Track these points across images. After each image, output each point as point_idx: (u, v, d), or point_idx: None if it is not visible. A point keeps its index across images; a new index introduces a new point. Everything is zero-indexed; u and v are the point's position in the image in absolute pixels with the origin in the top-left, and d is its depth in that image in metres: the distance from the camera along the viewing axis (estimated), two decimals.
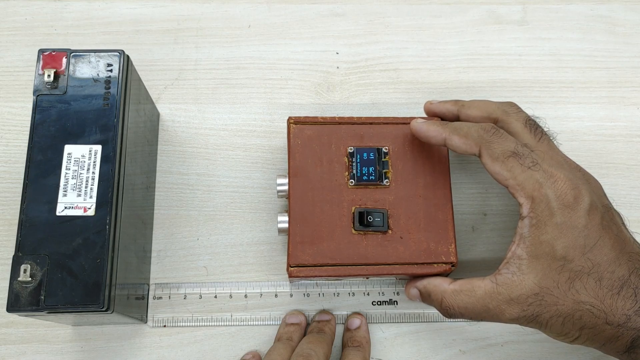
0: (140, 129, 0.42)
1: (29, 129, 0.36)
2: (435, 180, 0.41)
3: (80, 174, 0.35)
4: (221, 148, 0.47)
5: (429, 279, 0.39)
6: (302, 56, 0.51)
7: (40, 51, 0.38)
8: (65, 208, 0.35)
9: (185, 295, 0.43)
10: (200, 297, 0.43)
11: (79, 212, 0.35)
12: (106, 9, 0.51)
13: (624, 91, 0.50)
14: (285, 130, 0.47)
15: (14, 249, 0.34)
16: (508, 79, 0.50)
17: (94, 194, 0.35)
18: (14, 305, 0.33)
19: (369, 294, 0.44)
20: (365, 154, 0.41)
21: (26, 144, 0.36)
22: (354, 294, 0.44)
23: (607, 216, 0.36)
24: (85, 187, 0.35)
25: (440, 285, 0.38)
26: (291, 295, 0.43)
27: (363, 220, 0.40)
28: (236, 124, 0.48)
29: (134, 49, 0.50)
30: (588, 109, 0.50)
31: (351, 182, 0.41)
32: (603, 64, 0.51)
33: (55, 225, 0.34)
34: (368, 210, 0.40)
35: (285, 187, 0.41)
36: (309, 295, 0.43)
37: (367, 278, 0.43)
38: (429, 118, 0.43)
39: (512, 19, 0.52)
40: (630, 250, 0.35)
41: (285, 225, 0.40)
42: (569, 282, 0.34)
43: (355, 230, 0.40)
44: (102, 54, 0.38)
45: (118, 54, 0.38)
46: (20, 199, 0.35)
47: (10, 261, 0.33)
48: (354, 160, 0.41)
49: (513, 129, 0.39)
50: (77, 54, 0.38)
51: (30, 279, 0.33)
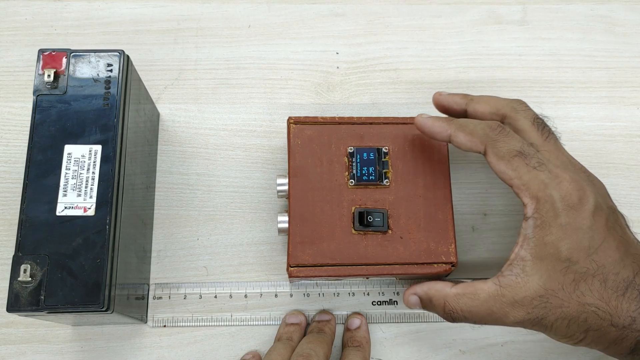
0: (140, 129, 0.42)
1: (29, 129, 0.36)
2: (435, 180, 0.41)
3: (80, 174, 0.35)
4: (221, 148, 0.47)
5: (430, 284, 0.38)
6: (302, 56, 0.51)
7: (40, 51, 0.38)
8: (65, 208, 0.35)
9: (185, 295, 0.43)
10: (200, 297, 0.43)
11: (79, 212, 0.35)
12: (106, 9, 0.51)
13: (624, 91, 0.50)
14: (285, 130, 0.47)
15: (14, 249, 0.34)
16: (508, 79, 0.50)
17: (94, 194, 0.35)
18: (14, 305, 0.33)
19: (369, 294, 0.44)
20: (365, 154, 0.41)
21: (26, 144, 0.36)
22: (354, 294, 0.44)
23: (612, 218, 0.35)
24: (85, 187, 0.35)
25: (442, 289, 0.37)
26: (291, 295, 0.43)
27: (363, 220, 0.40)
28: (236, 124, 0.48)
29: (134, 49, 0.49)
30: (588, 109, 0.50)
31: (351, 182, 0.41)
32: (603, 64, 0.51)
33: (55, 225, 0.34)
34: (368, 210, 0.40)
35: (285, 187, 0.41)
36: (309, 295, 0.43)
37: (367, 278, 0.43)
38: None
39: (512, 19, 0.52)
40: (635, 251, 0.35)
41: (285, 225, 0.40)
42: (574, 284, 0.33)
43: (355, 230, 0.40)
44: (102, 54, 0.38)
45: (118, 54, 0.38)
46: (20, 199, 0.35)
47: (10, 261, 0.33)
48: (354, 160, 0.41)
49: (520, 127, 0.38)
50: (77, 54, 0.38)
51: (30, 279, 0.33)
